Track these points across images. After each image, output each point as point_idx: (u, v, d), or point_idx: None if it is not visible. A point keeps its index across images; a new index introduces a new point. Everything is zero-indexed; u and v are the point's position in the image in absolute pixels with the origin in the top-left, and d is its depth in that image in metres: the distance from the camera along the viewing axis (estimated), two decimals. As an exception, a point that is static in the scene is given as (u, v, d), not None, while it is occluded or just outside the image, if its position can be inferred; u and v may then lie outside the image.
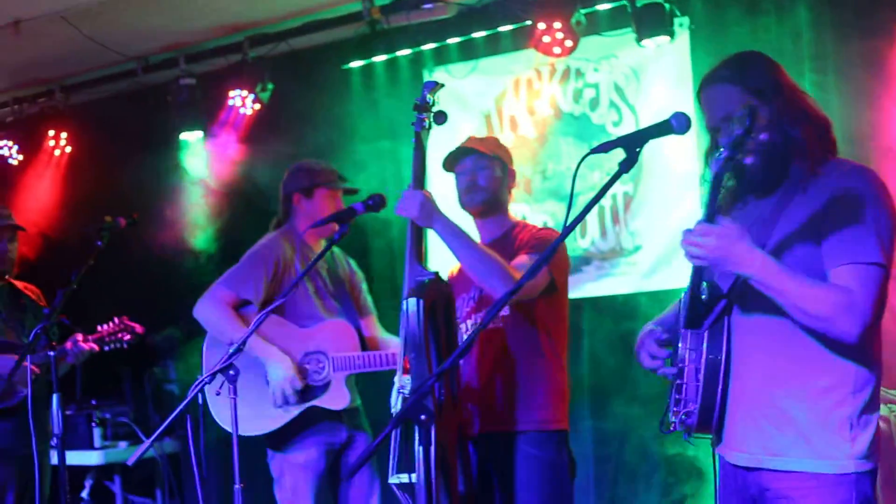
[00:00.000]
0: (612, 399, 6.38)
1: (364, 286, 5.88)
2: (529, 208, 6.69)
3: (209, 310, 5.58)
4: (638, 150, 3.13)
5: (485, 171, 4.70)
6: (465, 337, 4.55)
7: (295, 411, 5.50)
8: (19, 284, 6.37)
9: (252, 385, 5.43)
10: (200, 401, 4.36)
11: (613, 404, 6.37)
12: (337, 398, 5.53)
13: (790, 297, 3.12)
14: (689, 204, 6.01)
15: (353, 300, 5.78)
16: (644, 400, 6.08)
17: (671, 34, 6.17)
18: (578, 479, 4.65)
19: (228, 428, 5.16)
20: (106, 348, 5.96)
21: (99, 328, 5.93)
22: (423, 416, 2.92)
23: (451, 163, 4.75)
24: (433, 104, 4.42)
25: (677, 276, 5.91)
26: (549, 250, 3.16)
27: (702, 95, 3.45)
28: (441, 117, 4.42)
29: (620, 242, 6.39)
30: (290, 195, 5.75)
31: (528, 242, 4.56)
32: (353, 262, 5.93)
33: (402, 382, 4.39)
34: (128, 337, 5.96)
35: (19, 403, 5.86)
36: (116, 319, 5.98)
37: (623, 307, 6.31)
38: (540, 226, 4.90)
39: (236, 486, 4.43)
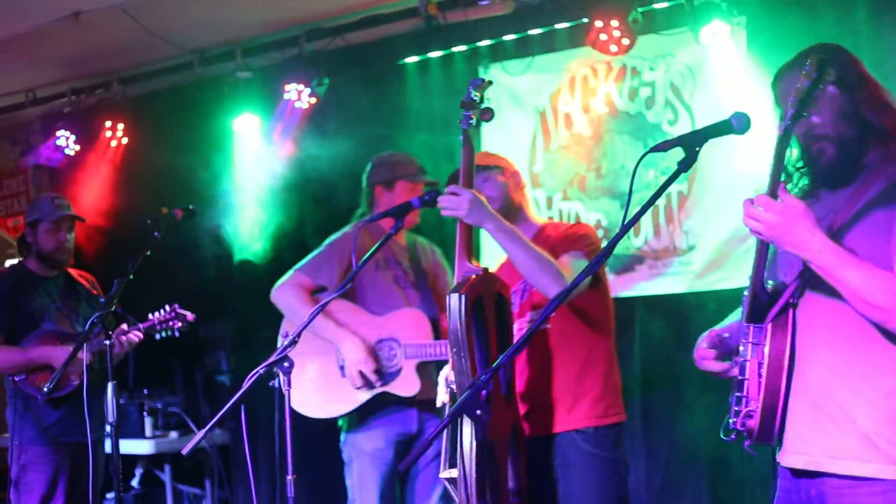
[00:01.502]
0: (663, 400, 6.35)
1: (449, 279, 5.92)
2: (583, 206, 6.66)
3: (287, 294, 5.74)
4: (697, 149, 3.11)
5: (488, 181, 4.65)
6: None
7: (365, 397, 5.60)
8: (74, 273, 6.43)
9: (324, 369, 5.64)
10: (278, 384, 4.40)
11: (665, 405, 6.34)
12: (407, 385, 5.61)
13: (849, 284, 3.01)
14: (742, 202, 5.96)
15: (433, 292, 5.86)
16: (697, 401, 6.05)
17: (730, 24, 6.12)
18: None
19: (300, 410, 5.46)
20: (157, 336, 5.98)
21: (150, 316, 5.96)
22: (478, 412, 2.93)
23: (452, 183, 4.66)
24: (480, 101, 4.40)
25: (731, 276, 5.91)
26: (606, 250, 3.13)
27: (778, 85, 3.33)
28: (487, 114, 4.41)
29: (674, 242, 6.36)
30: (372, 187, 5.89)
31: (567, 240, 4.55)
32: (439, 254, 6.00)
33: (452, 377, 4.42)
34: (179, 325, 5.98)
35: (73, 392, 5.92)
36: (168, 307, 6.01)
37: (676, 307, 6.28)
38: (592, 224, 4.88)
39: (288, 477, 4.45)
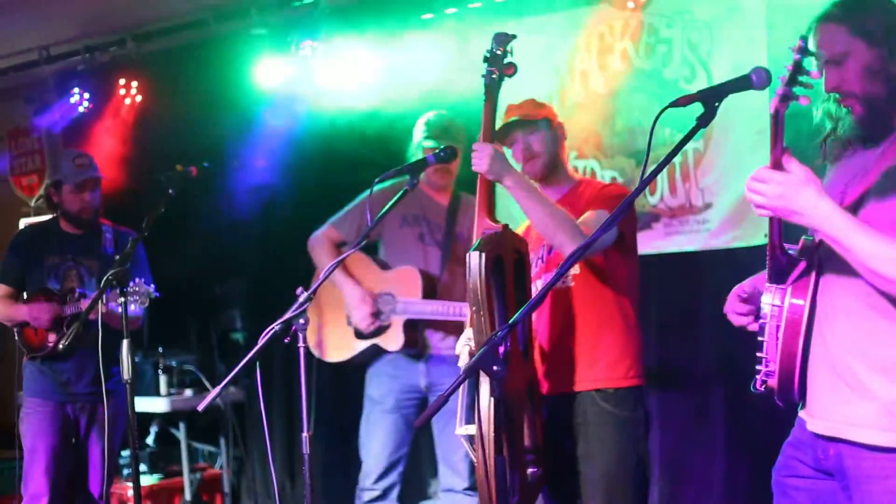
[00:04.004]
0: (678, 358, 6.33)
1: None
2: (599, 164, 6.63)
3: (314, 245, 6.10)
4: (716, 104, 3.09)
5: (535, 135, 4.63)
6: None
7: (359, 347, 5.93)
8: (110, 228, 6.36)
9: (336, 317, 6.03)
10: (301, 342, 4.40)
11: (680, 363, 6.31)
12: (393, 340, 5.85)
13: (858, 255, 2.95)
14: (761, 161, 5.91)
15: (459, 250, 5.86)
16: (712, 359, 6.04)
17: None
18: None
19: (312, 350, 5.94)
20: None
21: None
22: (494, 368, 2.92)
23: (500, 139, 4.67)
24: (504, 56, 4.38)
25: (747, 234, 5.89)
26: (623, 205, 3.12)
27: (813, 37, 3.23)
28: (510, 69, 4.37)
29: (690, 200, 6.32)
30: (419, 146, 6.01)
31: (596, 198, 4.49)
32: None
33: (469, 335, 4.43)
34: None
35: (53, 353, 6.05)
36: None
37: (691, 265, 6.25)
38: (607, 181, 4.85)
39: (304, 434, 4.46)
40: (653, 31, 6.57)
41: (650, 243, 6.36)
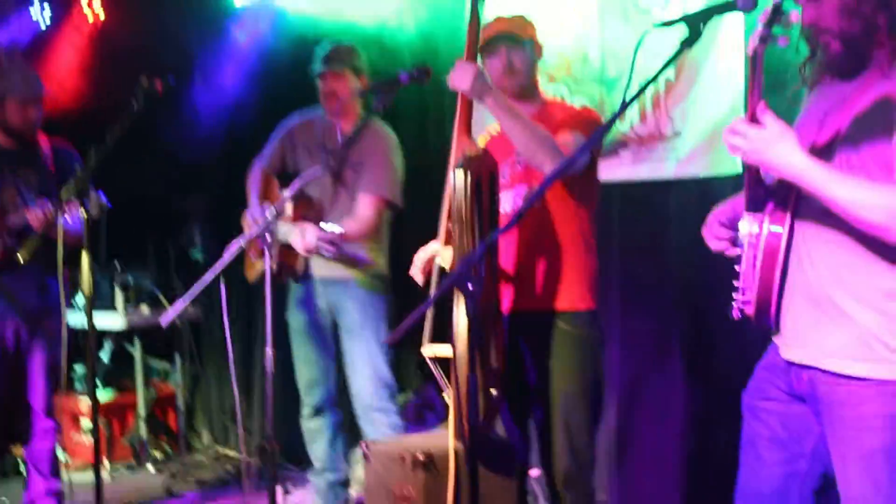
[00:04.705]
0: (642, 285, 6.31)
1: (376, 166, 6.00)
2: (569, 90, 6.58)
3: (248, 174, 6.19)
4: (702, 25, 3.07)
5: (519, 53, 4.68)
6: (506, 205, 4.60)
7: (258, 269, 6.12)
8: (45, 142, 6.31)
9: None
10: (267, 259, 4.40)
11: (643, 291, 6.30)
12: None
13: (838, 204, 2.98)
14: (733, 90, 5.88)
15: (348, 176, 6.01)
16: (675, 288, 6.03)
17: None
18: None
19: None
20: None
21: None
22: (471, 287, 2.90)
23: (483, 48, 4.67)
24: None
25: (717, 163, 5.85)
26: (605, 127, 3.12)
27: None
28: None
29: (660, 128, 6.27)
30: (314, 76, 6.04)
31: (570, 121, 4.51)
32: (385, 143, 6.08)
33: (432, 251, 4.46)
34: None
35: None
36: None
37: (659, 193, 6.21)
38: (577, 107, 4.84)
39: (268, 350, 4.47)
40: (627, -45, 6.49)
41: (617, 170, 6.32)
